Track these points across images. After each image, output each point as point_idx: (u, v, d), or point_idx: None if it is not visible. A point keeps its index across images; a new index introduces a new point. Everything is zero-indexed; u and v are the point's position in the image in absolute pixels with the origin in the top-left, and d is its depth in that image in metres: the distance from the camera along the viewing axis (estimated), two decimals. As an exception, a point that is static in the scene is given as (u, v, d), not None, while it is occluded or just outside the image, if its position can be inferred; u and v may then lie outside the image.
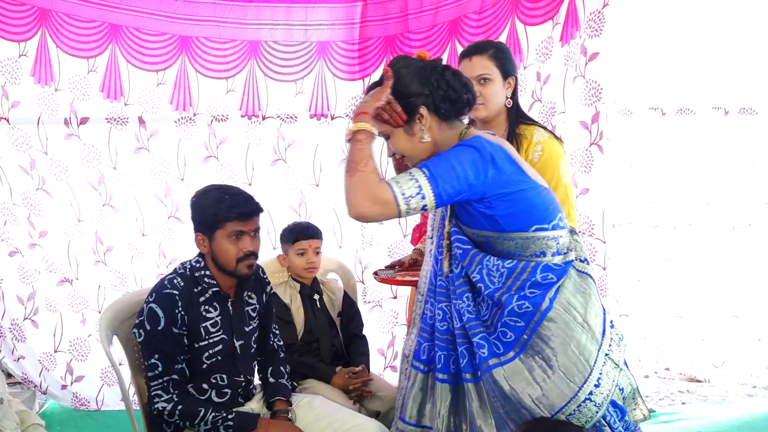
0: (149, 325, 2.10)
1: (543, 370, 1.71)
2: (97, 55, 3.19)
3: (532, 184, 1.78)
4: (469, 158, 1.71)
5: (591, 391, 1.70)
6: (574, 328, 1.73)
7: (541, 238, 1.76)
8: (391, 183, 1.69)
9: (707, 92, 3.39)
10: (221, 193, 2.17)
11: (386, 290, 3.47)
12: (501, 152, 1.75)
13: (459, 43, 3.26)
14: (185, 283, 2.17)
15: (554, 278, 1.75)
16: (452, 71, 1.82)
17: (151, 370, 2.12)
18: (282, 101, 3.30)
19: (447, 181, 1.68)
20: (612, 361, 1.78)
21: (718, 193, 3.46)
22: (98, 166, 3.29)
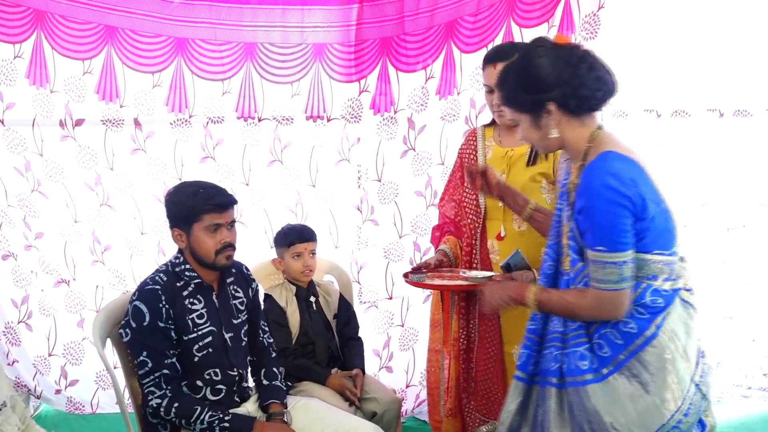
0: (135, 323, 2.13)
1: (639, 394, 1.70)
2: (93, 56, 3.18)
3: (664, 207, 1.74)
4: (621, 211, 1.66)
5: (680, 420, 1.71)
6: (675, 358, 1.72)
7: (658, 262, 1.73)
8: (596, 285, 1.71)
9: (702, 94, 3.39)
10: (195, 188, 2.21)
11: (382, 291, 3.47)
12: (645, 185, 1.69)
13: (455, 45, 3.26)
14: (167, 278, 2.20)
15: (662, 303, 1.73)
16: (588, 64, 1.74)
17: (141, 368, 2.13)
18: (278, 103, 3.29)
19: (621, 240, 1.67)
20: (700, 392, 1.77)
21: (712, 194, 3.46)
22: (95, 167, 3.29)
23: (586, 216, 1.71)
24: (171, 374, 2.14)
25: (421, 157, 3.35)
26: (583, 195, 1.71)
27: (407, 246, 3.44)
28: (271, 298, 2.74)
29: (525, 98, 1.78)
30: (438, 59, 3.27)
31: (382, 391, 2.67)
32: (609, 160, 1.69)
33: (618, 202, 1.64)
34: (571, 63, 1.72)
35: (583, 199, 1.71)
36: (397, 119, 3.32)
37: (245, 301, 2.35)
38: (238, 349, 2.30)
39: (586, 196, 1.70)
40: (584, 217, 1.72)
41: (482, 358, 2.51)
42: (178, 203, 2.21)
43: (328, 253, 3.33)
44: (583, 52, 1.76)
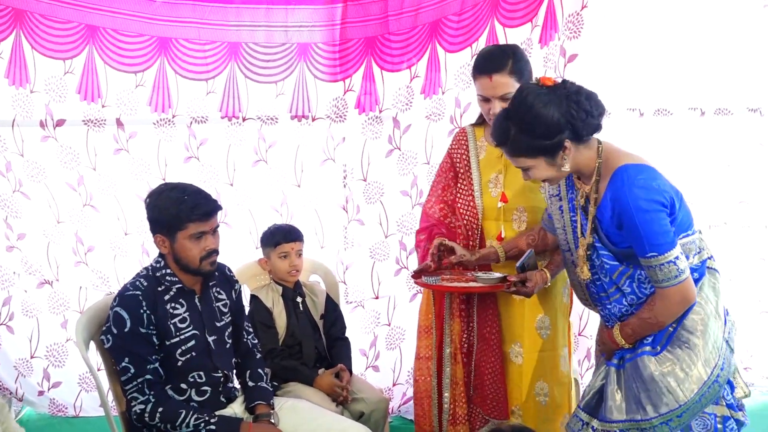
0: (116, 329, 2.11)
1: (690, 358, 1.89)
2: (74, 56, 3.14)
3: (681, 195, 1.91)
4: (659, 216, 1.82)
5: (718, 374, 1.90)
6: (712, 320, 1.92)
7: (686, 244, 1.90)
8: (660, 286, 1.86)
9: (684, 93, 3.41)
10: (179, 194, 2.17)
11: (368, 290, 3.47)
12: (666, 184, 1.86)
13: (439, 45, 3.26)
14: (148, 283, 2.18)
15: (697, 276, 1.92)
16: (585, 93, 1.87)
17: (123, 374, 2.11)
18: (262, 103, 3.27)
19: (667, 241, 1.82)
20: (729, 346, 1.97)
21: (694, 192, 3.47)
22: (77, 168, 3.25)
23: (629, 231, 1.85)
24: (154, 379, 2.12)
25: (407, 157, 3.35)
26: (621, 213, 1.84)
27: (393, 245, 3.44)
28: (257, 299, 2.73)
29: (542, 145, 1.87)
30: (422, 59, 3.26)
31: (369, 391, 2.68)
32: (631, 175, 1.84)
33: (654, 209, 1.80)
34: (572, 98, 1.85)
35: (622, 217, 1.85)
36: (382, 119, 3.31)
37: (228, 303, 2.34)
38: (223, 351, 2.29)
39: (625, 213, 1.83)
40: (627, 232, 1.86)
41: (486, 358, 2.47)
42: (162, 210, 2.17)
43: (313, 253, 3.32)
44: (573, 85, 1.89)
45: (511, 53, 2.30)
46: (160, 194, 2.21)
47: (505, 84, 2.24)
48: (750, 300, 3.65)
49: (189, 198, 2.16)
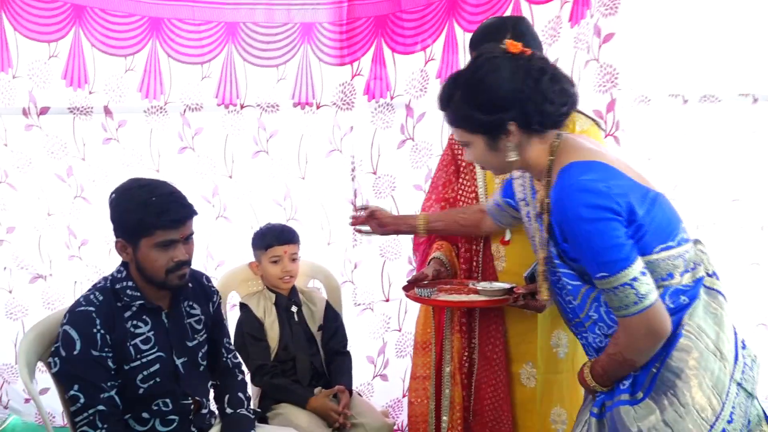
0: (64, 351, 1.84)
1: (675, 410, 1.48)
2: (59, 38, 2.92)
3: (653, 196, 1.52)
4: (608, 226, 1.45)
5: (724, 429, 1.48)
6: (707, 358, 1.50)
7: (667, 259, 1.51)
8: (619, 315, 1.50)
9: (733, 77, 3.04)
10: (146, 194, 1.88)
11: (378, 292, 3.21)
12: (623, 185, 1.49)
13: (458, 24, 2.95)
14: (104, 297, 1.90)
15: (686, 300, 1.53)
16: (550, 75, 1.54)
17: (73, 404, 1.84)
18: (262, 88, 3.02)
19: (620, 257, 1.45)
20: (745, 390, 1.54)
21: (744, 189, 3.13)
22: (65, 158, 3.05)
23: (573, 244, 1.52)
24: (107, 411, 1.84)
25: (420, 148, 3.06)
26: (562, 222, 1.51)
27: (405, 244, 3.16)
28: (247, 308, 2.47)
29: (480, 119, 1.56)
30: (439, 39, 2.97)
31: (371, 415, 2.39)
32: (575, 175, 1.49)
33: (600, 218, 1.44)
34: (532, 75, 1.52)
35: (563, 227, 1.52)
36: (394, 106, 3.04)
37: (203, 318, 2.06)
38: (194, 375, 2.01)
39: (565, 222, 1.50)
40: (572, 246, 1.53)
41: (486, 380, 2.20)
42: (124, 211, 1.90)
43: (319, 250, 3.09)
44: (542, 61, 1.56)
45: (511, 26, 2.02)
46: (125, 193, 1.93)
47: None
48: (744, 311, 3.23)
49: (157, 200, 1.87)
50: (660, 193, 1.54)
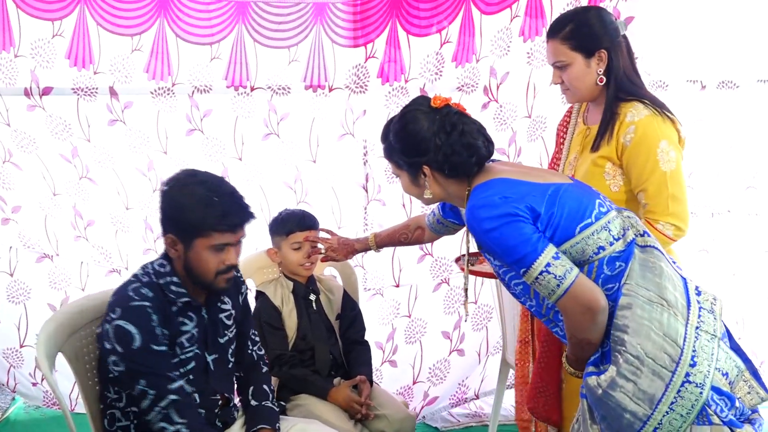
0: (121, 347, 1.75)
1: (630, 363, 1.56)
2: (64, 17, 2.80)
3: (553, 190, 1.66)
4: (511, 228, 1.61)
5: (688, 372, 1.55)
6: (651, 310, 1.59)
7: (590, 235, 1.64)
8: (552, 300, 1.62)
9: (752, 63, 3.03)
10: (208, 192, 1.79)
11: (388, 278, 3.18)
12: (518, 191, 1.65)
13: (474, 5, 2.90)
14: (154, 293, 1.82)
15: (623, 265, 1.65)
16: (460, 130, 1.70)
17: (141, 400, 1.76)
18: (273, 70, 2.93)
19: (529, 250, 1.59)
20: (705, 332, 1.60)
21: (760, 176, 3.11)
22: (69, 139, 2.97)
23: (491, 255, 1.72)
24: (182, 399, 1.77)
25: (434, 132, 3.00)
26: (478, 240, 1.70)
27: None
28: (264, 296, 2.42)
29: (402, 159, 1.77)
30: (455, 21, 2.90)
31: (393, 406, 2.36)
32: (475, 197, 1.69)
33: (502, 224, 1.60)
34: (445, 129, 1.70)
35: (480, 243, 1.70)
36: (408, 89, 2.97)
37: (233, 313, 2.01)
38: (222, 371, 1.97)
39: (479, 239, 1.68)
40: (491, 257, 1.73)
41: (538, 351, 2.21)
42: (183, 208, 1.79)
43: (330, 234, 3.04)
44: (456, 117, 1.72)
45: (573, 19, 2.05)
46: (185, 188, 1.82)
47: (555, 51, 2.04)
48: (757, 297, 3.25)
49: (220, 201, 1.79)
50: (561, 183, 1.68)
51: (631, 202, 2.01)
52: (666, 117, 1.98)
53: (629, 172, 1.98)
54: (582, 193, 1.70)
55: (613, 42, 2.01)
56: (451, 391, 3.31)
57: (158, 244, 3.10)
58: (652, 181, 1.93)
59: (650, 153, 1.93)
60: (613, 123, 2.00)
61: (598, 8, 2.14)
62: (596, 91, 2.03)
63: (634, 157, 1.95)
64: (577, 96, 2.07)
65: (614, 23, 2.04)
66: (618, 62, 2.00)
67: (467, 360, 3.30)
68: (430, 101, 1.75)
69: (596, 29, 2.01)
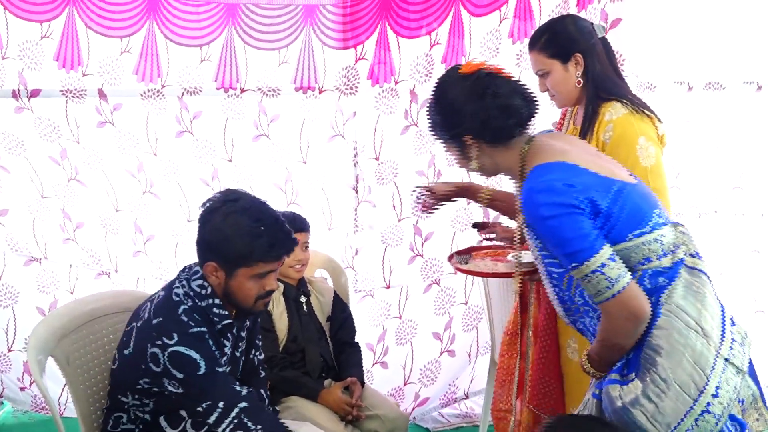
0: (182, 374, 1.72)
1: (656, 385, 1.53)
2: (52, 18, 2.79)
3: (619, 187, 1.60)
4: (570, 219, 1.54)
5: (709, 402, 1.52)
6: (687, 335, 1.54)
7: (641, 245, 1.58)
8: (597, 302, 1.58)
9: (738, 65, 3.06)
10: (254, 222, 1.76)
11: (378, 279, 3.18)
12: (584, 181, 1.58)
13: (464, 7, 2.91)
14: (202, 318, 1.79)
15: (665, 281, 1.59)
16: (492, 92, 1.65)
17: (209, 414, 1.73)
18: (263, 72, 2.93)
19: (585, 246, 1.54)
20: (733, 366, 1.57)
21: (746, 176, 3.15)
22: (58, 141, 2.95)
23: (544, 242, 1.64)
24: (252, 405, 1.77)
25: (424, 134, 3.01)
26: (530, 223, 1.62)
27: (407, 230, 3.14)
28: (256, 300, 2.41)
29: (445, 134, 1.75)
30: (444, 23, 2.91)
31: (386, 406, 2.37)
32: (535, 177, 1.60)
33: (561, 213, 1.54)
34: (476, 94, 1.66)
35: (533, 227, 1.63)
36: (398, 91, 2.98)
37: (247, 323, 2.00)
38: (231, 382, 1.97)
39: (532, 223, 1.61)
40: (543, 245, 1.65)
41: (538, 348, 2.25)
42: (228, 240, 1.75)
43: (320, 235, 3.05)
44: (487, 79, 1.68)
45: (546, 29, 2.13)
46: (228, 216, 1.77)
47: (536, 61, 2.12)
48: (743, 297, 3.28)
49: (266, 231, 1.75)
50: (629, 183, 1.63)
51: None
52: (643, 114, 2.03)
53: None
54: (643, 198, 1.65)
55: (588, 45, 2.07)
56: (441, 391, 3.32)
57: (148, 247, 3.10)
58: None
59: (630, 150, 1.98)
60: (593, 122, 2.06)
61: (571, 16, 2.28)
62: (578, 93, 2.10)
63: (614, 155, 1.96)
64: (562, 100, 2.14)
65: (587, 27, 2.10)
66: (594, 64, 2.07)
67: (457, 360, 3.31)
68: (458, 69, 1.72)
69: (569, 35, 2.08)
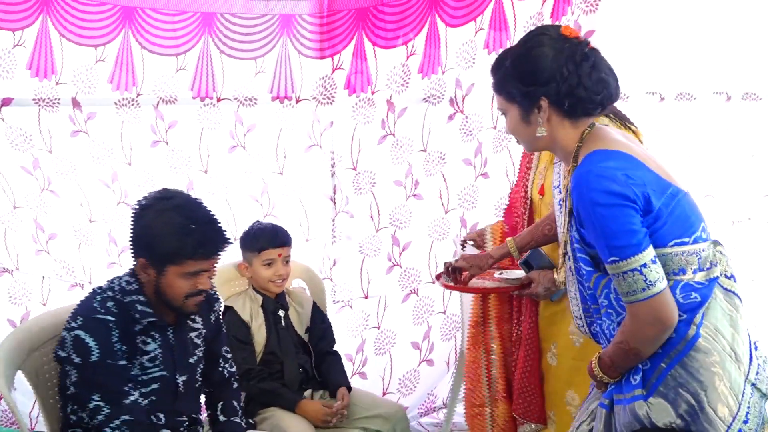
0: (79, 358, 1.72)
1: (690, 406, 1.51)
2: (25, 27, 2.75)
3: (673, 191, 1.56)
4: (622, 212, 1.50)
5: (740, 429, 1.51)
6: (724, 360, 1.52)
7: (680, 254, 1.54)
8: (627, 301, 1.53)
9: (709, 76, 3.12)
10: (185, 220, 1.75)
11: (357, 289, 3.18)
12: (642, 176, 1.53)
13: (440, 18, 2.92)
14: (118, 309, 1.78)
15: (698, 298, 1.54)
16: (591, 62, 1.58)
17: (95, 416, 1.72)
18: (240, 81, 2.92)
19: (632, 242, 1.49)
20: (759, 391, 1.57)
21: (717, 185, 3.21)
22: (30, 150, 2.90)
23: (589, 228, 1.57)
24: (135, 419, 1.74)
25: (401, 144, 3.03)
26: (578, 206, 1.57)
27: (385, 241, 3.14)
28: (233, 311, 2.39)
29: (518, 88, 1.65)
30: (420, 34, 2.93)
31: (384, 404, 2.40)
32: (595, 162, 1.56)
33: (615, 203, 1.49)
34: (575, 59, 1.58)
35: (580, 211, 1.57)
36: (375, 101, 2.98)
37: (203, 332, 1.98)
38: (191, 392, 1.95)
39: (581, 206, 1.55)
40: (587, 230, 1.58)
41: (522, 356, 2.30)
42: (158, 236, 1.75)
43: (298, 246, 2.99)
44: (589, 49, 1.61)
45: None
46: (160, 214, 1.76)
47: None
48: None
49: (197, 229, 1.75)
50: (685, 191, 1.59)
51: None
52: (629, 129, 2.09)
53: None
54: (692, 208, 1.61)
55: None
56: (420, 401, 3.32)
57: (123, 258, 3.05)
58: None
59: None
60: None
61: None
62: None
63: None
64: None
65: None
66: None
67: (436, 370, 3.31)
68: (560, 29, 1.64)
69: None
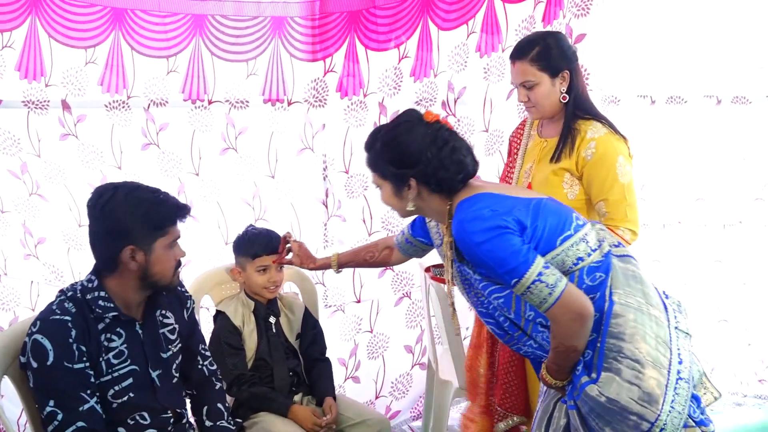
0: (35, 362, 1.69)
1: (632, 368, 1.62)
2: (14, 28, 2.71)
3: (534, 204, 1.72)
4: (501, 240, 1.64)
5: (678, 370, 1.64)
6: (641, 315, 1.67)
7: (571, 246, 1.70)
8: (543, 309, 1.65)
9: (699, 79, 3.15)
10: (151, 194, 1.82)
11: (349, 293, 3.17)
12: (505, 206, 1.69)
13: (432, 21, 2.92)
14: (77, 308, 1.77)
15: (603, 276, 1.70)
16: (451, 146, 1.74)
17: (49, 422, 1.69)
18: (231, 84, 2.91)
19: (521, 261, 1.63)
20: (681, 331, 1.72)
21: (708, 188, 3.22)
22: (18, 154, 2.86)
23: (483, 267, 1.73)
24: (88, 427, 1.70)
25: (394, 147, 3.01)
26: (466, 252, 1.73)
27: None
28: (224, 316, 2.37)
29: (389, 169, 1.79)
30: (413, 37, 2.93)
31: (368, 413, 2.38)
32: (463, 210, 1.71)
33: (492, 236, 1.65)
34: (437, 144, 1.74)
35: (470, 257, 1.73)
36: (367, 104, 2.98)
37: (177, 327, 1.96)
38: (169, 387, 1.91)
39: (468, 251, 1.71)
40: (484, 270, 1.74)
41: (506, 350, 2.32)
42: (139, 215, 1.77)
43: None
44: (448, 133, 1.77)
45: (540, 41, 2.18)
46: (126, 199, 1.78)
47: (524, 72, 2.16)
48: (707, 307, 3.35)
49: (164, 197, 1.82)
50: (541, 197, 1.75)
51: (584, 209, 2.16)
52: (619, 135, 2.16)
53: (590, 183, 2.14)
54: (558, 205, 1.77)
55: (574, 64, 2.17)
56: (412, 404, 3.31)
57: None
58: (612, 192, 2.09)
59: (610, 167, 2.10)
60: (573, 138, 2.14)
61: (560, 33, 2.34)
62: (558, 108, 2.19)
63: (595, 171, 2.10)
64: (541, 113, 2.21)
65: (573, 48, 2.21)
66: (577, 83, 2.17)
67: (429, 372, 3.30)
68: (422, 115, 1.78)
69: (562, 51, 2.17)
